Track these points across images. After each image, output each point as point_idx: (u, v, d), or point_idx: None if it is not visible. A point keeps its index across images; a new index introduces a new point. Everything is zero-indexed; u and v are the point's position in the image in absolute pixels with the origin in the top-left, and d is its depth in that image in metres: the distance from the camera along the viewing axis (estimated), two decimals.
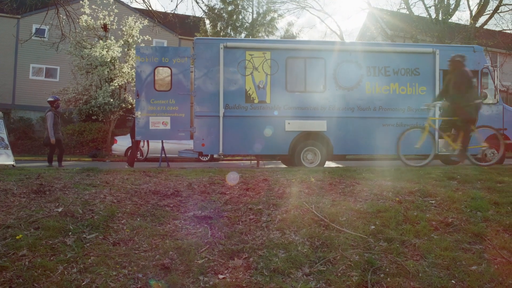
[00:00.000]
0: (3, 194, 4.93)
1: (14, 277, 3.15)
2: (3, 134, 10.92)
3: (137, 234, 4.01)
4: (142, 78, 10.80)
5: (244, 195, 5.21)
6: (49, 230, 3.94)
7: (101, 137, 23.51)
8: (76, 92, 21.86)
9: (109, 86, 21.59)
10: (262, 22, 30.33)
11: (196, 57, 10.70)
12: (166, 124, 10.66)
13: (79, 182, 5.67)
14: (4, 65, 29.92)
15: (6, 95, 29.60)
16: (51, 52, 25.58)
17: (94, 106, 21.35)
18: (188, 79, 10.81)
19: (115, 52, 21.65)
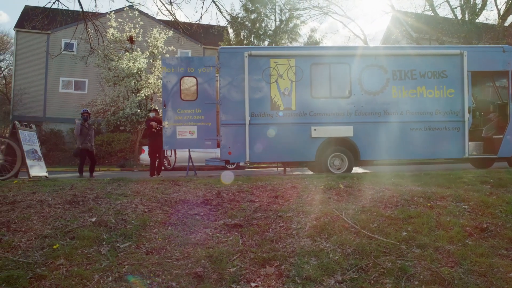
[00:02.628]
0: (39, 205, 5.08)
1: (53, 286, 3.23)
2: (36, 146, 11.21)
3: (169, 242, 4.06)
4: (169, 88, 10.96)
5: (273, 203, 5.23)
6: (84, 240, 4.04)
7: (129, 147, 23.94)
8: (104, 104, 22.35)
9: (136, 97, 21.99)
10: (285, 29, 30.40)
11: (221, 66, 10.80)
12: (193, 133, 10.78)
13: (110, 192, 5.79)
14: (36, 79, 30.85)
15: (37, 108, 30.49)
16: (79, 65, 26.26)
17: (122, 117, 21.78)
18: (213, 88, 10.91)
19: (141, 64, 22.06)
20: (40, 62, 31.22)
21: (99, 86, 24.58)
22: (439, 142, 10.53)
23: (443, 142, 10.52)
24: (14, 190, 5.96)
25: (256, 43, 30.00)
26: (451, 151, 10.53)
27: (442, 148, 10.55)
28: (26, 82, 30.51)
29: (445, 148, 10.59)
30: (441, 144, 10.52)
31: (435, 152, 10.68)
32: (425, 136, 10.53)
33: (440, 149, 10.58)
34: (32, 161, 10.65)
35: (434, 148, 10.52)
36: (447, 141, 10.55)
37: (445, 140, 10.55)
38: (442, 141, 10.51)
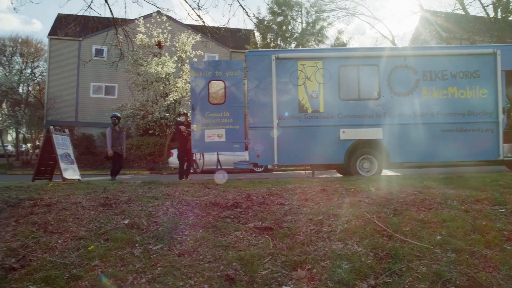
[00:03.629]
0: (74, 207, 5.21)
1: (89, 286, 3.31)
2: (69, 150, 11.52)
3: (201, 245, 4.10)
4: (197, 92, 11.06)
5: (304, 206, 5.21)
6: (117, 242, 4.11)
7: (158, 151, 24.28)
8: (134, 108, 22.74)
9: (165, 101, 22.30)
10: (312, 32, 30.31)
11: (249, 69, 10.83)
12: (221, 136, 10.84)
13: (142, 195, 5.89)
14: (68, 85, 31.69)
15: (69, 113, 31.29)
16: (109, 71, 26.82)
17: (151, 121, 22.13)
18: (241, 91, 10.95)
19: (169, 68, 22.36)
20: (72, 68, 32.06)
21: (129, 91, 25.06)
22: (472, 144, 10.27)
23: (476, 144, 10.26)
24: (49, 192, 6.13)
25: (283, 46, 30.00)
26: (484, 153, 10.26)
27: (475, 150, 10.29)
28: (59, 87, 31.38)
29: (478, 150, 10.33)
30: (474, 146, 10.27)
31: (467, 154, 10.43)
32: (457, 138, 10.30)
33: (473, 151, 10.32)
34: (66, 165, 10.94)
35: (466, 150, 10.27)
36: (480, 143, 10.28)
37: (478, 141, 10.29)
38: (475, 142, 10.25)
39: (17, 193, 6.06)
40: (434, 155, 10.55)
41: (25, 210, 5.10)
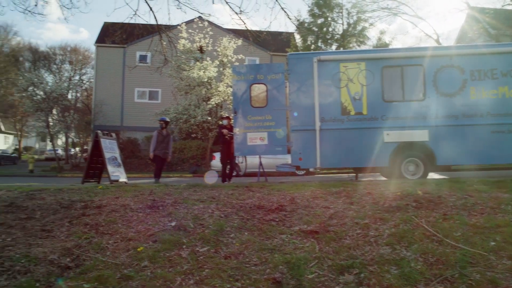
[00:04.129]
0: (123, 209, 5.37)
1: (140, 286, 3.39)
2: (116, 154, 11.88)
3: (246, 248, 4.12)
4: (239, 96, 11.15)
5: (349, 209, 5.14)
6: (165, 243, 4.20)
7: (200, 154, 24.64)
8: (177, 112, 23.17)
9: (207, 104, 22.61)
10: (353, 33, 29.90)
11: (290, 72, 10.82)
12: (263, 139, 10.88)
13: (187, 198, 5.99)
14: (113, 90, 32.72)
15: (115, 118, 32.26)
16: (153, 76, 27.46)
17: (193, 125, 22.48)
18: (283, 94, 10.96)
19: (211, 72, 22.66)
20: (117, 74, 33.08)
21: (172, 95, 25.58)
22: None
23: None
24: (99, 195, 6.35)
25: (324, 48, 29.76)
26: None
27: None
28: (105, 93, 32.44)
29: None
30: None
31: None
32: (509, 139, 9.88)
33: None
34: (113, 168, 11.28)
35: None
36: None
37: None
38: None
39: (69, 195, 6.31)
40: (483, 158, 10.16)
41: (78, 212, 5.30)
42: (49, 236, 4.45)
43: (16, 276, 3.48)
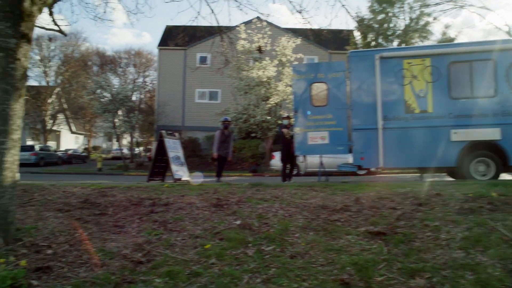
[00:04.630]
0: (189, 207, 5.51)
1: (208, 283, 3.46)
2: (179, 153, 12.25)
3: (312, 248, 4.10)
4: (299, 95, 11.12)
5: (417, 211, 4.97)
6: (231, 241, 4.26)
7: (260, 153, 24.81)
8: (237, 112, 23.49)
9: (266, 104, 22.74)
10: (415, 28, 28.87)
11: (351, 70, 10.65)
12: (324, 138, 10.77)
13: (251, 197, 6.05)
14: (175, 91, 33.71)
15: (177, 118, 33.24)
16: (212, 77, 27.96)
17: (253, 124, 22.69)
18: (344, 93, 10.81)
19: (270, 72, 22.76)
20: (179, 76, 34.04)
21: (231, 96, 25.96)
22: None
23: None
24: (166, 192, 6.56)
25: (385, 45, 28.96)
26: None
27: None
28: (167, 94, 33.50)
29: None
30: None
31: None
32: None
33: None
34: (177, 166, 11.63)
35: None
36: None
37: None
38: None
39: (138, 193, 6.58)
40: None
41: (146, 209, 5.51)
42: (121, 231, 4.66)
43: (93, 268, 3.67)
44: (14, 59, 4.21)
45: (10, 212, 4.23)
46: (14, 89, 4.20)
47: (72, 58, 46.55)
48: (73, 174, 24.94)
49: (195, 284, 3.44)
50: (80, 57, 48.42)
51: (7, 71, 4.15)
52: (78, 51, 48.86)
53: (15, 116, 4.23)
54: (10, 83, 4.17)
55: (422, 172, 11.32)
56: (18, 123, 4.29)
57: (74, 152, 42.61)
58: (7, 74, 4.15)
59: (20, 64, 4.28)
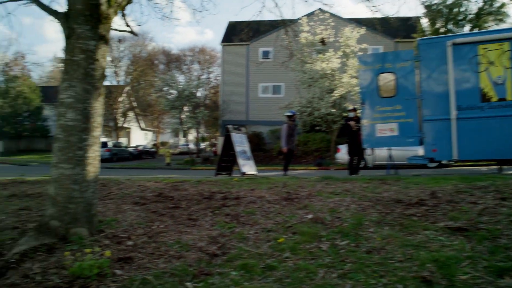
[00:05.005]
0: (260, 201, 5.55)
1: (283, 277, 3.45)
2: (246, 147, 12.39)
3: (388, 243, 3.97)
4: (366, 86, 10.85)
5: (502, 205, 4.67)
6: (304, 235, 4.23)
7: (324, 147, 24.55)
8: (300, 105, 23.36)
9: (330, 97, 22.42)
10: (490, 11, 27.15)
11: (421, 58, 10.23)
12: (393, 130, 10.45)
13: (321, 190, 5.99)
14: (238, 86, 34.11)
15: (240, 113, 33.65)
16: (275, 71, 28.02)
17: (317, 117, 22.46)
18: (413, 82, 10.41)
19: (334, 64, 22.39)
20: (242, 71, 34.41)
21: (295, 89, 25.84)
22: None
23: None
24: (236, 187, 6.66)
25: (455, 31, 27.51)
26: None
27: None
28: (231, 90, 33.98)
29: None
30: None
31: None
32: None
33: None
34: (243, 161, 11.77)
35: None
36: None
37: None
38: None
39: (208, 187, 6.72)
40: None
41: (218, 202, 5.61)
42: (195, 224, 4.77)
43: (171, 260, 3.78)
44: (93, 60, 4.43)
45: (93, 205, 4.48)
46: (94, 88, 4.42)
47: (140, 58, 48.50)
48: (144, 169, 26.01)
49: (270, 277, 3.45)
50: (147, 56, 50.32)
51: (87, 71, 4.37)
52: (145, 50, 50.82)
53: (96, 114, 4.45)
54: (90, 83, 4.39)
55: (501, 165, 10.66)
56: (98, 120, 4.51)
57: (144, 148, 44.48)
58: (88, 74, 4.37)
59: (99, 64, 4.49)
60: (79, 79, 4.32)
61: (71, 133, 4.27)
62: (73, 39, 4.37)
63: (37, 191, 6.90)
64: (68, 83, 4.32)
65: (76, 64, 4.33)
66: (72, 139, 4.26)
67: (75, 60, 4.34)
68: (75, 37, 4.36)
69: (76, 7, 4.39)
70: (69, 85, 4.31)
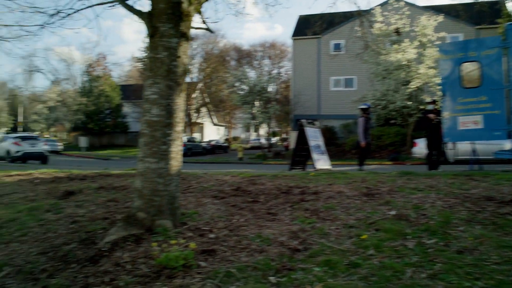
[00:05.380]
0: (339, 196, 5.45)
1: (369, 275, 3.34)
2: (320, 142, 12.25)
3: (482, 243, 3.72)
4: (447, 77, 10.30)
5: None
6: (387, 232, 4.08)
7: (400, 141, 23.71)
8: (375, 98, 22.70)
9: (406, 89, 21.58)
10: None
11: (509, 45, 9.50)
12: (477, 123, 9.82)
13: (403, 186, 5.76)
14: (309, 80, 33.83)
15: (312, 107, 33.38)
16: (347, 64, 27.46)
17: (392, 110, 21.72)
18: (500, 71, 9.70)
19: (410, 54, 21.50)
20: (313, 65, 34.06)
21: (368, 82, 25.15)
22: None
23: None
24: (313, 181, 6.59)
25: None
26: None
27: None
28: (302, 84, 33.78)
29: None
30: None
31: None
32: None
33: None
34: (318, 155, 11.65)
35: None
36: None
37: None
38: None
39: (285, 181, 6.72)
40: None
41: (296, 197, 5.58)
42: (275, 219, 4.77)
43: (253, 254, 3.80)
44: (175, 57, 4.55)
45: (176, 198, 4.62)
46: (176, 84, 4.55)
47: (212, 55, 49.61)
48: (217, 163, 26.63)
49: (355, 275, 3.35)
50: (219, 53, 51.35)
51: (170, 68, 4.50)
52: (217, 47, 51.88)
53: (178, 109, 4.58)
54: (173, 79, 4.52)
55: None
56: (180, 116, 4.64)
57: (217, 142, 45.55)
58: (170, 71, 4.50)
59: (181, 61, 4.61)
60: (162, 76, 4.46)
61: (156, 128, 4.42)
62: (157, 37, 4.52)
63: (122, 184, 7.26)
64: (152, 80, 4.48)
65: (159, 61, 4.48)
66: (157, 134, 4.42)
67: (158, 58, 4.49)
68: (159, 36, 4.51)
69: (159, 6, 4.53)
70: (153, 82, 4.46)
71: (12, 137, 23.67)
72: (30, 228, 4.85)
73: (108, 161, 30.61)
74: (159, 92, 4.44)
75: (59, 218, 5.19)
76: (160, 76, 4.45)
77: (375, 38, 21.46)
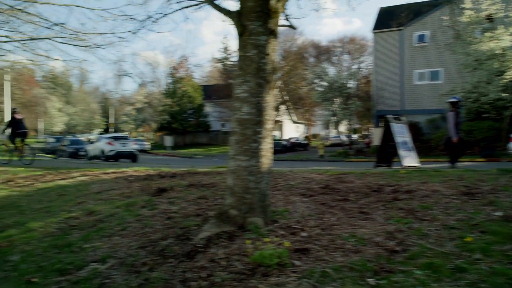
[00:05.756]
0: (435, 195, 5.14)
1: (478, 281, 3.10)
2: (407, 138, 11.73)
3: None
4: None
5: None
6: (495, 235, 3.77)
7: (493, 136, 22.12)
8: (464, 91, 21.39)
9: (500, 79, 20.05)
10: None
11: None
12: None
13: (507, 185, 5.32)
14: (392, 74, 32.62)
15: (395, 102, 32.17)
16: (432, 56, 26.13)
17: (484, 103, 20.32)
18: None
19: (505, 42, 19.95)
20: (395, 58, 32.82)
21: (456, 74, 23.72)
22: None
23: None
24: (405, 179, 6.29)
25: None
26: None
27: None
28: (384, 78, 32.67)
29: None
30: None
31: None
32: None
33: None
34: (405, 152, 11.17)
35: None
36: None
37: None
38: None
39: (374, 179, 6.49)
40: None
41: (388, 196, 5.36)
42: (368, 218, 4.60)
43: (348, 254, 3.69)
44: (264, 55, 4.54)
45: (267, 196, 4.62)
46: (266, 82, 4.54)
47: (290, 52, 49.58)
48: (298, 161, 26.56)
49: (461, 280, 3.12)
50: (297, 50, 51.19)
51: (259, 66, 4.50)
52: (295, 45, 51.74)
53: (268, 107, 4.57)
54: (262, 77, 4.51)
55: None
56: (270, 113, 4.63)
57: (296, 140, 45.49)
58: (260, 69, 4.50)
59: (270, 58, 4.59)
60: (252, 74, 4.47)
61: (246, 126, 4.45)
62: (246, 35, 4.54)
63: (210, 182, 7.44)
64: (242, 78, 4.51)
65: (249, 59, 4.50)
66: (247, 132, 4.45)
67: (248, 56, 4.51)
68: (247, 34, 4.53)
69: (248, 4, 4.55)
70: (244, 80, 4.49)
71: (105, 138, 25.38)
72: (128, 223, 5.12)
73: (192, 159, 31.78)
74: (249, 90, 4.46)
75: (154, 214, 5.42)
76: (250, 74, 4.47)
77: (465, 26, 20.11)
